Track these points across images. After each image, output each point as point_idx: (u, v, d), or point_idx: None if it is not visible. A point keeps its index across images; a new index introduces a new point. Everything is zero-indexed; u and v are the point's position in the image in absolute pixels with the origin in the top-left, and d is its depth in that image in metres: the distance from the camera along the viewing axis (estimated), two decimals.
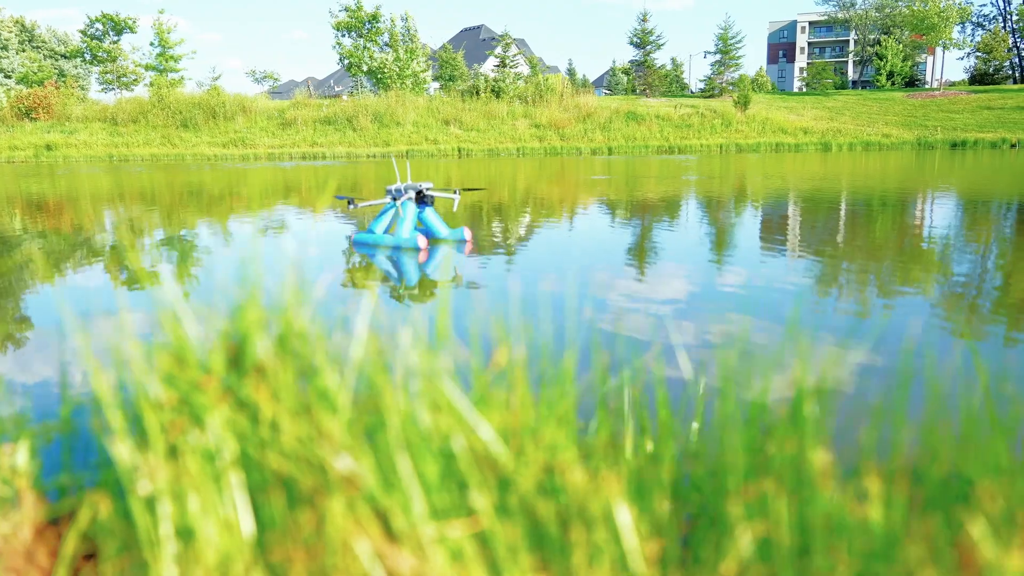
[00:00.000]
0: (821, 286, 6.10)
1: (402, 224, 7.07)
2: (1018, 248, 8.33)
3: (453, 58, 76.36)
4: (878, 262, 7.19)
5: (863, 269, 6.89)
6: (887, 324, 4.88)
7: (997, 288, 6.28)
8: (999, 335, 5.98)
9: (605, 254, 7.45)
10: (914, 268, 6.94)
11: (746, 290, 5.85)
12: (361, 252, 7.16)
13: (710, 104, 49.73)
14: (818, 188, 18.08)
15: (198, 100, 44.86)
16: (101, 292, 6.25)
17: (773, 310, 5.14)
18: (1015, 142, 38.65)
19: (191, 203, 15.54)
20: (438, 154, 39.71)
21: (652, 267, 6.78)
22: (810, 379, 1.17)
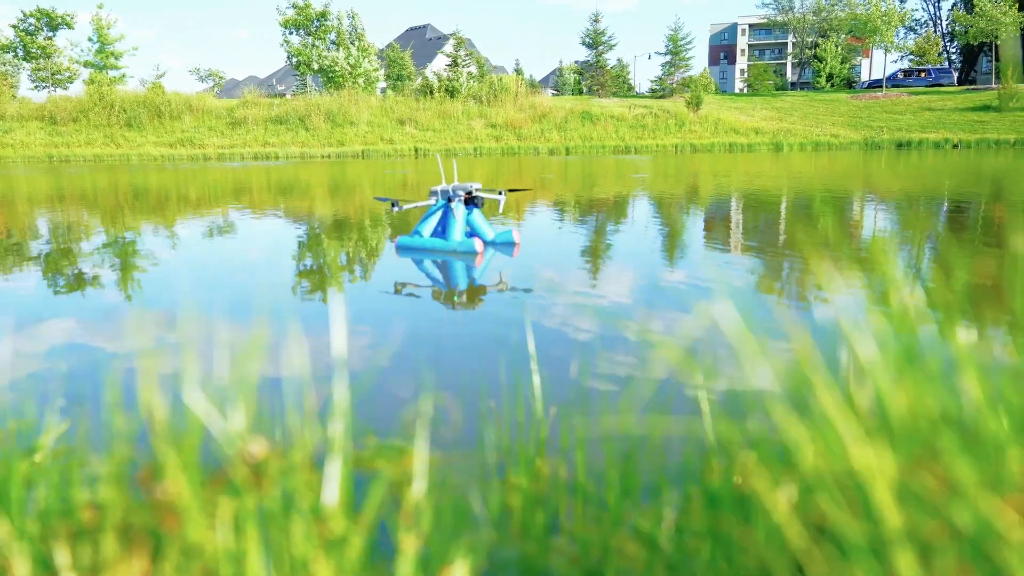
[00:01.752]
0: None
1: (453, 227, 6.59)
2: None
3: (401, 57, 75.64)
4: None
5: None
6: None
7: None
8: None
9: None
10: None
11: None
12: (406, 257, 6.69)
13: (662, 104, 50.18)
14: (803, 188, 18.30)
15: (142, 98, 43.28)
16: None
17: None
18: (956, 142, 39.93)
19: (146, 208, 14.87)
20: (394, 154, 39.13)
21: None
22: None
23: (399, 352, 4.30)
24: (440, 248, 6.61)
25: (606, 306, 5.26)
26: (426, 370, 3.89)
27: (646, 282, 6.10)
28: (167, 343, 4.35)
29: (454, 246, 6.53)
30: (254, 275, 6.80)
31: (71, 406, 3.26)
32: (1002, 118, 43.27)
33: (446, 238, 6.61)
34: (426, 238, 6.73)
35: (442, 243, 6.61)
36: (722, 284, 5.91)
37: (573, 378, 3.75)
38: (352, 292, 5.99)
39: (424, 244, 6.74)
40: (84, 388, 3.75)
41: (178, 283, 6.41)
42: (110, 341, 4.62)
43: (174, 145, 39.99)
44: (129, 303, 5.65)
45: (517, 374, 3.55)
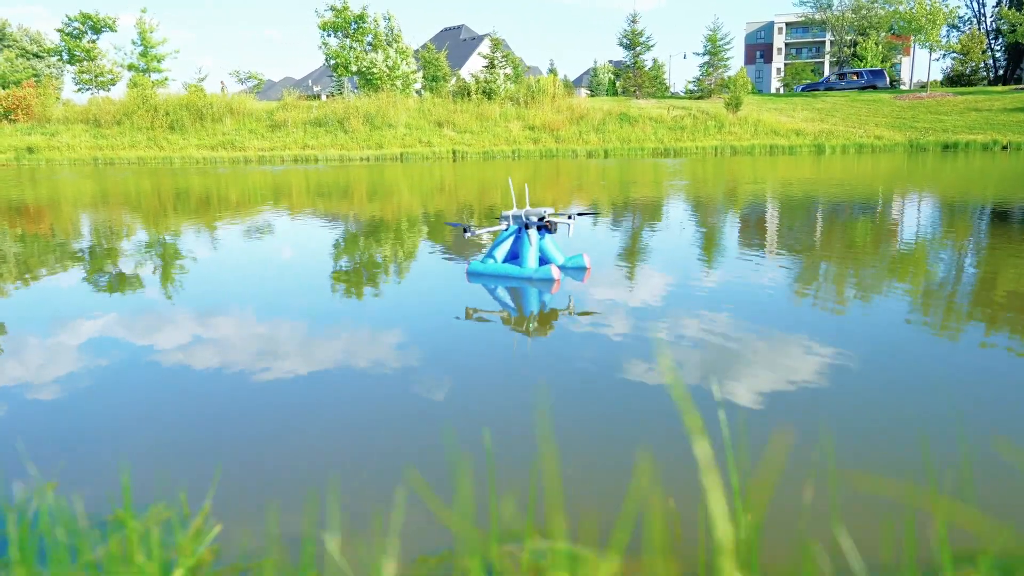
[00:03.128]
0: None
1: (527, 253, 6.45)
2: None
3: (436, 58, 75.85)
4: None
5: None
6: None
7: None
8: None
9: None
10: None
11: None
12: (478, 283, 6.57)
13: (701, 106, 49.68)
14: (872, 192, 17.90)
15: (185, 101, 43.82)
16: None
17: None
18: (1006, 144, 39.00)
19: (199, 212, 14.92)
20: (432, 157, 39.17)
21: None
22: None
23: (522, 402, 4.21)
24: (515, 275, 6.42)
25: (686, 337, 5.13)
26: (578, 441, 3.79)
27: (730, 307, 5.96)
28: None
29: (530, 273, 6.35)
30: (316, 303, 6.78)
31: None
32: None
33: (520, 264, 6.45)
34: (499, 264, 6.55)
35: (517, 270, 6.41)
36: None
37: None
38: (432, 322, 5.91)
39: (498, 271, 6.54)
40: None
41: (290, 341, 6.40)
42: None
43: (215, 148, 40.44)
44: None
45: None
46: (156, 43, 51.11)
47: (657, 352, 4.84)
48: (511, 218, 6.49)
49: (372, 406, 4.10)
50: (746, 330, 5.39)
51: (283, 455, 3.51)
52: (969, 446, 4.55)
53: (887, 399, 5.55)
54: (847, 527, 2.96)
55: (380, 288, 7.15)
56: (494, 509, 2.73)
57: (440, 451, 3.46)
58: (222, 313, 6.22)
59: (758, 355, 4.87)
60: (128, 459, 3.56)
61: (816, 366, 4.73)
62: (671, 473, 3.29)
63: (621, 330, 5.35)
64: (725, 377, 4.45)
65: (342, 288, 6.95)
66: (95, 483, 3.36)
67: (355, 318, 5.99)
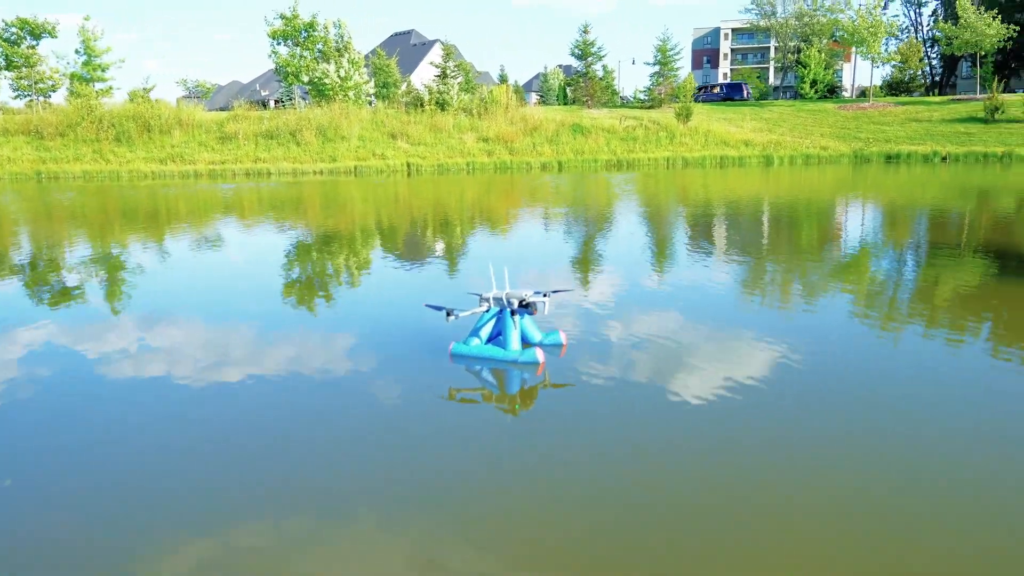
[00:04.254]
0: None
1: (510, 336, 6.55)
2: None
3: (387, 65, 75.40)
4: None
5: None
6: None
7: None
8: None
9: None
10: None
11: None
12: (462, 365, 6.64)
13: (652, 115, 50.38)
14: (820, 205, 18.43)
15: (131, 112, 42.76)
16: None
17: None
18: (945, 155, 40.42)
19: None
20: (387, 170, 38.98)
21: None
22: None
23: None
24: (500, 358, 6.48)
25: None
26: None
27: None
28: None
29: (515, 356, 6.40)
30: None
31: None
32: (988, 130, 43.84)
33: (504, 347, 6.53)
34: (483, 346, 6.59)
35: (502, 352, 6.46)
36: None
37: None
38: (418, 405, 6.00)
39: (482, 353, 6.57)
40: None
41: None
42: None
43: (164, 161, 39.60)
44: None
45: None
46: (100, 52, 49.82)
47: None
48: (492, 300, 6.59)
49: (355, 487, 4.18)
50: (734, 391, 5.64)
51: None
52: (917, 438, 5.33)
53: (831, 393, 6.25)
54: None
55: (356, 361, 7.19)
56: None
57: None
58: (213, 415, 6.19)
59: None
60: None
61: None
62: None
63: (597, 403, 5.55)
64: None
65: (320, 375, 6.91)
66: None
67: (337, 408, 6.03)
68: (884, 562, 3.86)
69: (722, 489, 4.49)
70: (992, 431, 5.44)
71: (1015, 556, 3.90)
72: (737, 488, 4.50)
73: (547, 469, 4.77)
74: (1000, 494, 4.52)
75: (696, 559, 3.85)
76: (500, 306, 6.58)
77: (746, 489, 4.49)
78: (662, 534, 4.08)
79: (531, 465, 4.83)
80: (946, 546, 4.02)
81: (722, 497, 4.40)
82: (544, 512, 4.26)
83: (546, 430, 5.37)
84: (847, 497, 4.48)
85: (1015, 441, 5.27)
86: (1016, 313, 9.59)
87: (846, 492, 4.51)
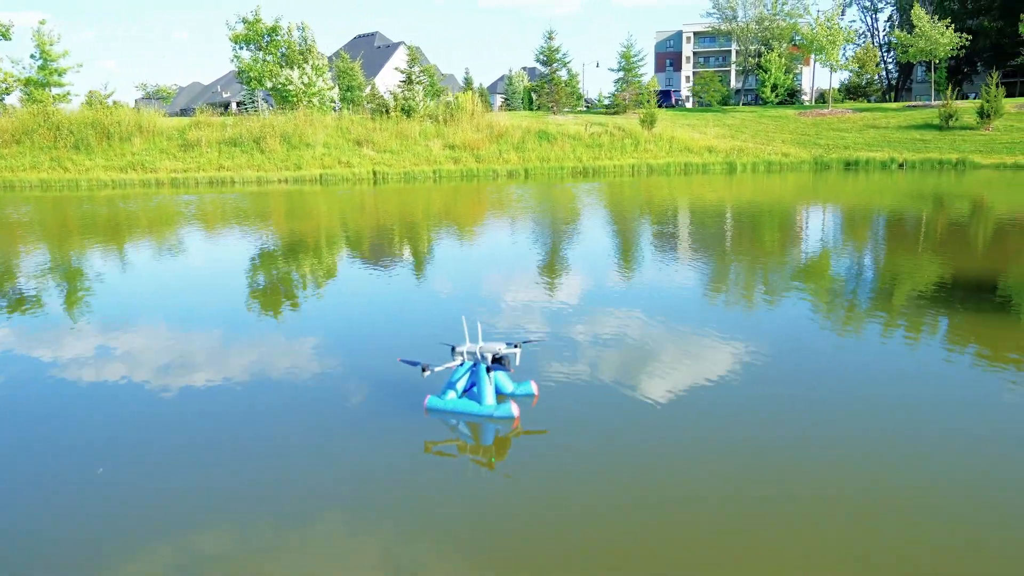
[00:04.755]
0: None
1: (485, 391, 6.61)
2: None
3: (351, 68, 74.91)
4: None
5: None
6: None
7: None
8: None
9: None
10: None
11: None
12: (437, 418, 6.67)
13: (617, 121, 50.77)
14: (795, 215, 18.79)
15: (90, 118, 41.91)
16: None
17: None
18: (902, 162, 41.38)
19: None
20: (353, 179, 38.77)
21: None
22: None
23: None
24: (475, 412, 6.55)
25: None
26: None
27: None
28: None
29: (490, 411, 6.49)
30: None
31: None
32: (943, 137, 44.96)
33: (479, 401, 6.61)
34: (459, 400, 6.65)
35: (477, 407, 6.54)
36: None
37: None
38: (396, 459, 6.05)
39: (457, 407, 6.62)
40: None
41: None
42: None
43: (125, 169, 38.92)
44: None
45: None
46: (57, 56, 48.78)
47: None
48: (466, 353, 6.64)
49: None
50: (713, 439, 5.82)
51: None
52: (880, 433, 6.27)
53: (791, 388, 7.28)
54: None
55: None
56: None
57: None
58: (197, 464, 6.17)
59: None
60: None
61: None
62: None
63: (566, 450, 5.69)
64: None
65: (293, 427, 6.89)
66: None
67: (311, 461, 6.05)
68: (857, 554, 4.49)
69: (709, 539, 4.63)
70: (953, 424, 6.38)
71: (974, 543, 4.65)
72: (727, 523, 4.65)
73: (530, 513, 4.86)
74: (963, 485, 5.34)
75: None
76: (474, 360, 6.65)
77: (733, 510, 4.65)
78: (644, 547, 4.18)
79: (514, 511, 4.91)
80: (907, 535, 4.73)
81: (713, 548, 4.53)
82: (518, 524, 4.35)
83: (523, 478, 5.46)
84: (823, 491, 5.16)
85: (975, 434, 6.18)
86: (969, 310, 10.59)
87: (826, 487, 5.15)
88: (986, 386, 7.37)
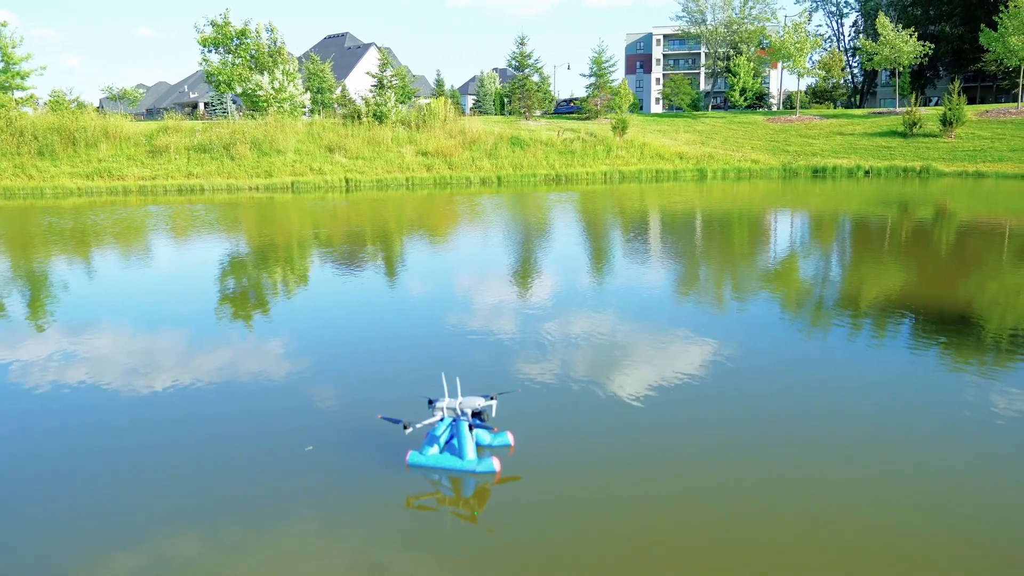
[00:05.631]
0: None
1: (466, 446, 6.67)
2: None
3: (321, 69, 74.36)
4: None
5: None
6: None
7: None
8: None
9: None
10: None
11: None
12: (420, 474, 6.70)
13: (589, 127, 51.01)
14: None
15: (55, 124, 41.10)
16: None
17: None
18: (868, 169, 42.12)
19: None
20: (325, 186, 38.53)
21: None
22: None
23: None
24: (457, 468, 6.61)
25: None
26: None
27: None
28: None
29: (472, 466, 6.56)
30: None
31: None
32: (907, 144, 45.82)
33: (460, 456, 6.67)
34: (440, 456, 6.72)
35: (459, 462, 6.61)
36: None
37: None
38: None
39: (440, 463, 6.68)
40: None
41: None
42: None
43: (91, 176, 38.29)
44: None
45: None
46: (19, 59, 47.76)
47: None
48: (445, 409, 6.70)
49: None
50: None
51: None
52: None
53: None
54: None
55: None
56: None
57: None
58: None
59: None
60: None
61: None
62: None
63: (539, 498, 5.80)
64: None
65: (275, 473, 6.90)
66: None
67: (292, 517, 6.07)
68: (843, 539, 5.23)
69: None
70: (915, 421, 7.24)
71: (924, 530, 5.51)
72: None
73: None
74: (926, 476, 6.20)
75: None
76: (454, 416, 6.74)
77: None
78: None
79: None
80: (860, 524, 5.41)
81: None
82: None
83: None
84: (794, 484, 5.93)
85: (938, 430, 7.02)
86: (932, 309, 11.72)
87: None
88: (946, 379, 8.54)
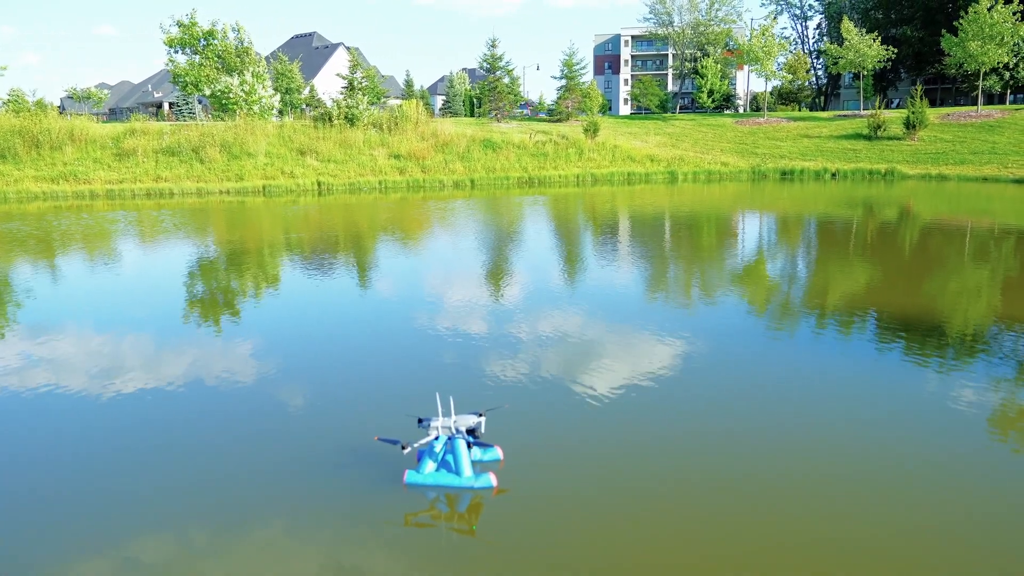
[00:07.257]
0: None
1: (462, 463, 6.73)
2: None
3: (289, 69, 73.72)
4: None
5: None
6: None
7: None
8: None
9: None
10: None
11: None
12: (416, 491, 6.74)
13: (560, 130, 51.23)
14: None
15: (17, 126, 40.24)
16: None
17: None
18: (834, 172, 42.87)
19: None
20: (297, 189, 38.23)
21: None
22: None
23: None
24: (455, 485, 6.69)
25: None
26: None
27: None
28: None
29: (470, 482, 6.65)
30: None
31: None
32: (872, 147, 46.70)
33: (457, 472, 6.75)
34: (437, 473, 6.79)
35: (457, 479, 6.68)
36: None
37: None
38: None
39: (438, 481, 6.75)
40: None
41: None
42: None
43: (56, 180, 37.55)
44: None
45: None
46: None
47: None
48: (440, 428, 6.79)
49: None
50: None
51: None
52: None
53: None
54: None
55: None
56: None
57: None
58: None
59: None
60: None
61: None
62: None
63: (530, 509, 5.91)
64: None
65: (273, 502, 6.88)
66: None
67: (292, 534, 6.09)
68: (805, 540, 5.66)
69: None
70: (881, 417, 7.76)
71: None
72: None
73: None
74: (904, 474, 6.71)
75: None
76: (448, 434, 6.83)
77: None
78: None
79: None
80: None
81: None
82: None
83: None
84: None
85: (903, 424, 7.56)
86: (897, 307, 12.43)
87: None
88: (911, 374, 9.14)
